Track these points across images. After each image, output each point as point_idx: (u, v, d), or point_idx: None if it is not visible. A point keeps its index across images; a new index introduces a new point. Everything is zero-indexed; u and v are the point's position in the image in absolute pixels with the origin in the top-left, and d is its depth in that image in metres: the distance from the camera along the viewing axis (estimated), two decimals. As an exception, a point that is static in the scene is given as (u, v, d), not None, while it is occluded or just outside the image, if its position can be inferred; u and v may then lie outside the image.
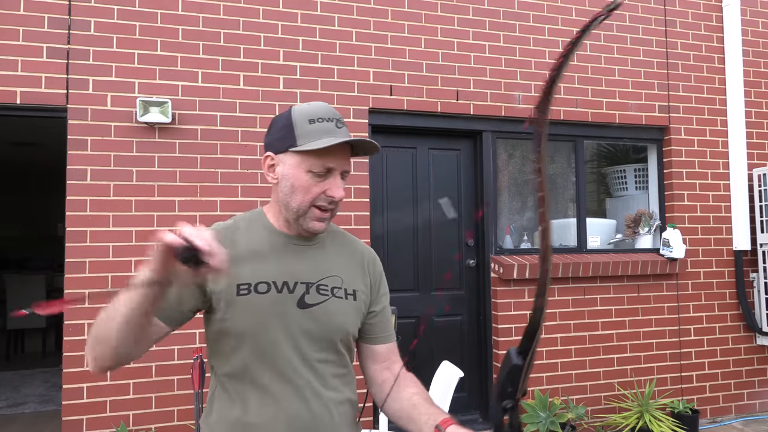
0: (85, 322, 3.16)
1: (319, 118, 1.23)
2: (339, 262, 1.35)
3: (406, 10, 3.88)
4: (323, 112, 1.24)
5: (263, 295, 1.23)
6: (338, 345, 1.30)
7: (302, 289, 1.26)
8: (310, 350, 1.25)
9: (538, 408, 3.69)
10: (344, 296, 1.31)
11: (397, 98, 3.82)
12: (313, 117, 1.23)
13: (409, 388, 1.33)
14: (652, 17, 4.45)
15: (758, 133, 4.62)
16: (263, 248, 1.28)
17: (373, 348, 1.40)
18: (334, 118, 1.24)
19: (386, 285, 1.47)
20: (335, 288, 1.30)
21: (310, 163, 1.21)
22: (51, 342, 6.55)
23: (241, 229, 1.30)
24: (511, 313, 3.95)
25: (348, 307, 1.31)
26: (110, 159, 3.27)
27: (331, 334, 1.28)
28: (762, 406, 4.50)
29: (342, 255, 1.37)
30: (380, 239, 3.88)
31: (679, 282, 4.36)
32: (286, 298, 1.24)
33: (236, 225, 1.32)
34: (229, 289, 1.22)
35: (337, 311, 1.28)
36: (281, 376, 1.22)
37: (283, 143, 1.23)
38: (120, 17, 3.34)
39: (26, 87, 3.17)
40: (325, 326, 1.26)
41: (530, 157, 4.39)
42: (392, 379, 1.36)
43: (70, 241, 3.19)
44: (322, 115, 1.23)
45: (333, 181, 1.23)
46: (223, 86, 3.49)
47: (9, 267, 8.12)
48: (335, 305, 1.28)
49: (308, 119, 1.22)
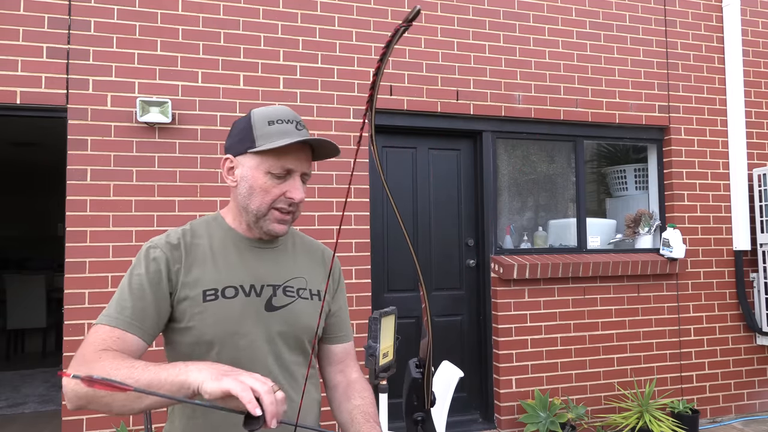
0: (85, 323, 3.16)
1: (278, 119, 1.21)
2: (302, 264, 1.34)
3: (406, 10, 3.85)
4: (283, 114, 1.23)
5: (231, 299, 1.20)
6: (306, 345, 1.29)
7: (269, 292, 1.25)
8: (284, 352, 1.25)
9: (538, 408, 3.69)
10: (309, 297, 1.31)
11: (397, 98, 3.82)
12: (273, 118, 1.21)
13: (354, 399, 1.32)
14: (652, 17, 4.45)
15: (758, 133, 4.62)
16: (224, 251, 1.26)
17: (329, 348, 1.40)
18: (294, 120, 1.23)
19: (344, 284, 1.46)
20: (300, 289, 1.30)
21: (269, 164, 1.20)
22: (51, 342, 6.54)
23: (199, 234, 1.27)
24: (511, 313, 3.95)
25: (313, 308, 1.30)
26: (110, 159, 3.27)
27: (301, 335, 1.27)
28: (762, 406, 4.50)
29: (304, 256, 1.37)
30: (380, 239, 3.88)
31: (679, 282, 4.36)
32: (254, 302, 1.22)
33: (193, 230, 1.28)
34: (195, 296, 1.19)
35: (303, 312, 1.28)
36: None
37: (242, 145, 1.22)
38: (120, 17, 3.34)
39: (26, 87, 3.17)
40: (294, 327, 1.26)
41: (532, 159, 4.39)
42: (344, 384, 1.37)
43: (70, 241, 3.19)
44: (282, 116, 1.22)
45: (292, 183, 1.22)
46: (223, 86, 3.49)
47: (9, 267, 8.12)
48: (301, 306, 1.28)
49: (267, 121, 1.21)
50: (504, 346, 3.93)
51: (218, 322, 1.18)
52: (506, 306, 3.94)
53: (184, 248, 1.23)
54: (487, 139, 4.08)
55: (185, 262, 1.21)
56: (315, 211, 3.60)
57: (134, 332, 1.13)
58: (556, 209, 4.45)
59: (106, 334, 1.10)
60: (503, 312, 3.94)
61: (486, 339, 4.03)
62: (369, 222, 3.73)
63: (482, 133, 4.08)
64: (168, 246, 1.22)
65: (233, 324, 1.19)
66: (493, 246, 4.05)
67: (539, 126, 4.20)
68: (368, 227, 3.72)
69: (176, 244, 1.23)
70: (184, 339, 1.20)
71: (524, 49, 4.13)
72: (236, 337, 1.19)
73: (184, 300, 1.19)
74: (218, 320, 1.18)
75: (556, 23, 4.21)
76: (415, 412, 1.01)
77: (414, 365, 1.02)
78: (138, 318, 1.14)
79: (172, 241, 1.23)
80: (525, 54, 4.13)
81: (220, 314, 1.19)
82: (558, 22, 4.22)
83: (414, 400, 1.01)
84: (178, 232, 1.27)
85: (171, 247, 1.22)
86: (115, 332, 1.11)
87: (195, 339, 1.18)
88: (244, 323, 1.20)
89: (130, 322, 1.13)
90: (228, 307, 1.19)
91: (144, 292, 1.16)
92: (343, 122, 3.69)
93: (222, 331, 1.18)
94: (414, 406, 1.01)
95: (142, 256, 1.21)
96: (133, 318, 1.13)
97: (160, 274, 1.18)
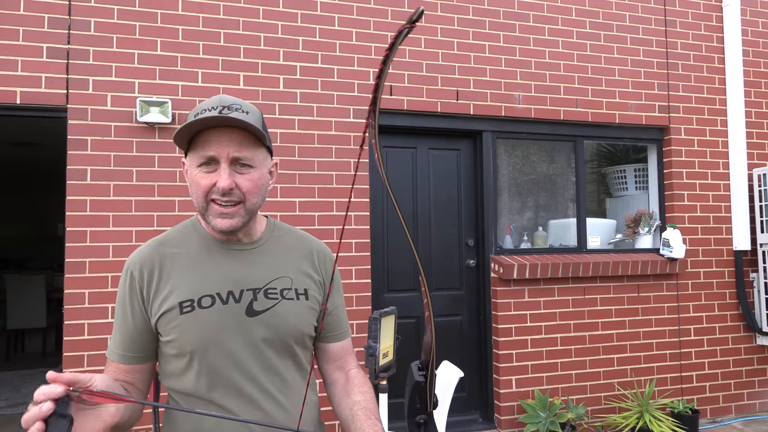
0: (85, 323, 3.16)
1: (203, 109, 1.15)
2: (287, 262, 1.29)
3: (406, 10, 3.88)
4: (210, 102, 1.16)
5: (208, 309, 1.18)
6: (294, 348, 1.25)
7: (249, 296, 1.21)
8: (272, 357, 1.22)
9: (538, 408, 3.70)
10: (295, 297, 1.26)
11: (397, 98, 3.82)
12: (199, 110, 1.15)
13: (354, 395, 1.28)
14: (652, 17, 4.45)
15: (758, 133, 4.62)
16: (200, 258, 1.23)
17: (326, 346, 1.36)
18: (220, 105, 1.14)
19: (340, 282, 1.43)
20: (285, 290, 1.25)
21: (196, 157, 1.17)
22: (51, 342, 6.54)
23: (175, 244, 1.25)
24: (511, 313, 3.95)
25: (300, 308, 1.26)
26: (110, 159, 3.27)
27: (286, 338, 1.23)
28: (762, 406, 4.50)
29: (290, 254, 1.31)
30: (380, 239, 3.88)
31: (679, 282, 4.36)
32: (233, 309, 1.19)
33: (169, 240, 1.27)
34: (172, 309, 1.18)
35: (288, 313, 1.23)
36: (238, 390, 1.18)
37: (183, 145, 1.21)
38: (120, 17, 3.34)
39: (26, 87, 3.17)
40: (278, 330, 1.22)
41: (532, 159, 4.39)
42: (343, 380, 1.34)
43: (70, 241, 3.19)
44: (207, 105, 1.15)
45: (218, 172, 1.15)
46: (223, 86, 3.49)
47: (9, 267, 8.12)
48: (285, 307, 1.24)
49: (195, 113, 1.15)
50: (504, 346, 3.93)
51: (196, 334, 1.17)
52: (506, 306, 3.94)
53: (158, 262, 1.22)
54: (487, 139, 4.08)
55: (159, 275, 1.21)
56: (315, 211, 3.60)
57: (129, 362, 1.21)
58: (556, 209, 4.45)
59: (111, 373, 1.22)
60: (503, 312, 3.94)
61: (486, 339, 4.03)
62: (369, 222, 3.73)
63: (482, 133, 4.08)
64: (139, 264, 1.22)
65: (211, 334, 1.17)
66: (493, 246, 4.05)
67: (539, 126, 4.20)
68: (368, 227, 3.72)
69: (146, 257, 1.22)
70: (169, 351, 1.21)
71: (524, 49, 4.13)
72: (216, 348, 1.17)
73: (162, 314, 1.18)
74: (196, 332, 1.17)
75: (556, 23, 4.21)
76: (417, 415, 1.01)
77: (416, 368, 1.02)
78: (127, 348, 1.21)
79: (142, 255, 1.23)
80: (525, 54, 4.13)
81: (198, 325, 1.17)
82: (558, 22, 4.21)
83: (417, 403, 1.01)
84: (152, 244, 1.26)
85: (143, 265, 1.21)
86: (112, 366, 1.22)
87: (176, 351, 1.19)
88: (222, 333, 1.17)
89: (122, 354, 1.21)
90: (204, 318, 1.17)
91: (126, 317, 1.22)
92: (343, 122, 3.69)
93: (200, 343, 1.17)
94: (417, 409, 1.01)
95: (120, 279, 1.24)
96: (124, 349, 1.21)
97: (134, 295, 1.21)
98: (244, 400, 1.18)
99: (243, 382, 1.18)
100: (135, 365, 1.21)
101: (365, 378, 1.35)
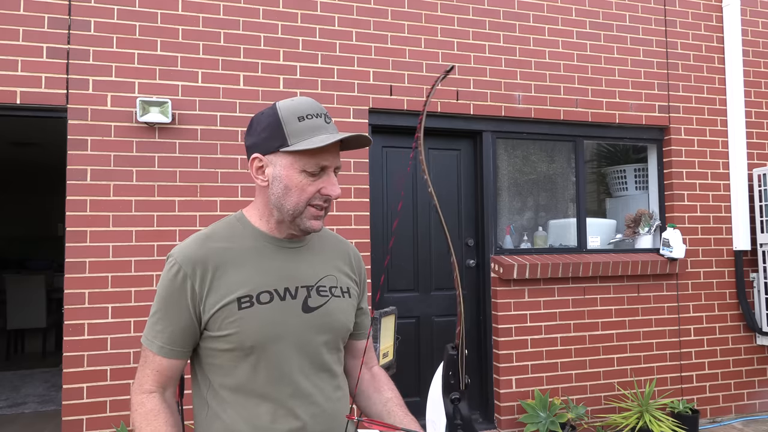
0: (85, 322, 3.16)
1: (307, 114, 1.18)
2: (331, 261, 1.34)
3: (406, 10, 3.88)
4: (311, 108, 1.19)
5: (267, 305, 1.19)
6: (340, 343, 1.31)
7: (304, 293, 1.24)
8: (323, 352, 1.25)
9: (538, 408, 3.70)
10: (341, 295, 1.30)
11: (397, 98, 3.82)
12: (302, 114, 1.18)
13: (385, 392, 1.37)
14: (652, 17, 4.45)
15: (758, 133, 4.62)
16: (253, 254, 1.24)
17: (354, 343, 1.41)
18: (321, 113, 1.19)
19: (366, 282, 1.48)
20: (333, 287, 1.29)
21: (304, 162, 1.17)
22: (51, 342, 6.54)
23: (223, 238, 1.24)
24: (511, 313, 3.95)
25: (346, 305, 1.31)
26: (110, 159, 3.27)
27: (338, 334, 1.28)
28: (762, 406, 4.50)
29: (332, 253, 1.36)
30: (380, 239, 3.88)
31: (679, 282, 4.36)
32: (290, 305, 1.22)
33: (217, 234, 1.25)
34: (229, 304, 1.17)
35: (337, 310, 1.28)
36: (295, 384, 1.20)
37: (272, 143, 1.18)
38: (120, 17, 3.34)
39: (26, 87, 3.17)
40: (331, 327, 1.26)
41: (532, 159, 4.39)
42: (368, 376, 1.41)
43: (70, 241, 3.19)
44: (311, 111, 1.19)
45: (328, 179, 1.20)
46: (223, 86, 3.49)
47: (9, 267, 8.12)
48: (335, 304, 1.28)
49: (297, 116, 1.17)
50: (504, 346, 3.93)
51: (258, 329, 1.17)
52: (506, 306, 3.94)
53: (210, 257, 1.20)
54: (487, 139, 4.08)
55: (213, 271, 1.19)
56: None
57: (175, 357, 1.21)
58: (556, 209, 4.45)
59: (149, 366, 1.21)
60: (503, 312, 3.94)
61: (486, 339, 4.03)
62: (369, 222, 3.73)
63: (482, 133, 4.08)
64: (188, 258, 1.19)
65: (271, 329, 1.18)
66: (493, 246, 4.05)
67: (539, 126, 4.20)
68: (368, 227, 3.72)
69: (197, 253, 1.20)
70: (219, 346, 1.19)
71: (524, 49, 4.13)
72: (276, 342, 1.19)
73: (218, 309, 1.17)
74: (256, 327, 1.17)
75: (556, 23, 4.21)
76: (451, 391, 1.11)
77: (451, 347, 1.15)
78: (175, 342, 1.20)
79: (192, 251, 1.20)
80: (525, 54, 4.13)
81: (258, 321, 1.18)
82: (558, 22, 4.22)
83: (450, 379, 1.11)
84: (199, 239, 1.24)
85: (191, 259, 1.19)
86: (150, 358, 1.21)
87: (232, 346, 1.18)
88: (281, 328, 1.19)
89: (170, 348, 1.20)
90: (264, 313, 1.18)
91: (175, 313, 1.19)
92: (343, 122, 3.69)
93: (263, 337, 1.18)
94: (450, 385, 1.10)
95: (164, 272, 1.21)
96: (173, 343, 1.20)
97: (184, 292, 1.18)
98: (299, 394, 1.21)
99: (299, 377, 1.21)
100: (176, 360, 1.21)
101: (388, 377, 1.42)
